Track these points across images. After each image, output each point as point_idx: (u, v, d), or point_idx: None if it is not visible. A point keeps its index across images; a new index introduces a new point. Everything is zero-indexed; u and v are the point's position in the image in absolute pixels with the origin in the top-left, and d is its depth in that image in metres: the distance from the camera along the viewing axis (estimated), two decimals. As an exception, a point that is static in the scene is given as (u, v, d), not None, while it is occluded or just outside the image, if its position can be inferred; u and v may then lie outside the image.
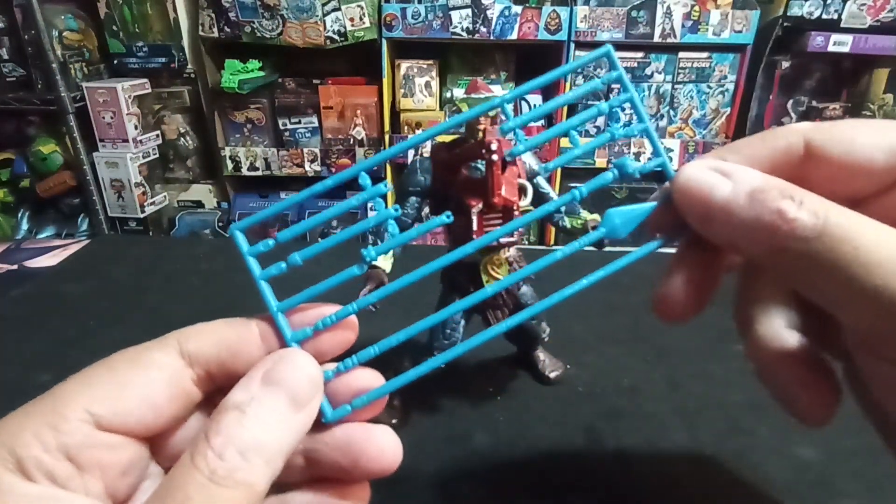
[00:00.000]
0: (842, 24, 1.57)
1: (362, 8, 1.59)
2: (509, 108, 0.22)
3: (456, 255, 0.23)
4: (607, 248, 0.37)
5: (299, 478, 0.23)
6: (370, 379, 0.23)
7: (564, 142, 1.71)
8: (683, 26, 1.60)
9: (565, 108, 1.69)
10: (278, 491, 0.22)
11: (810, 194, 0.20)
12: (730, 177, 0.21)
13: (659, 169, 0.24)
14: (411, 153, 1.71)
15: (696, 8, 1.58)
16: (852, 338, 0.22)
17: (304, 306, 0.23)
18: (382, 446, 0.22)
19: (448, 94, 1.72)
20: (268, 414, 0.20)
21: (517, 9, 1.58)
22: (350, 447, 0.22)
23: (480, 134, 0.37)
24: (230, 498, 0.18)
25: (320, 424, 0.22)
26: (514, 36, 1.60)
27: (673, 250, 0.25)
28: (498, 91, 0.37)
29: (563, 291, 0.22)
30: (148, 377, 0.21)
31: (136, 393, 0.20)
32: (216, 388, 0.22)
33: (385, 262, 0.39)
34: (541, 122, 1.73)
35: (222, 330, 0.23)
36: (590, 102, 1.71)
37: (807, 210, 0.19)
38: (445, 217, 0.22)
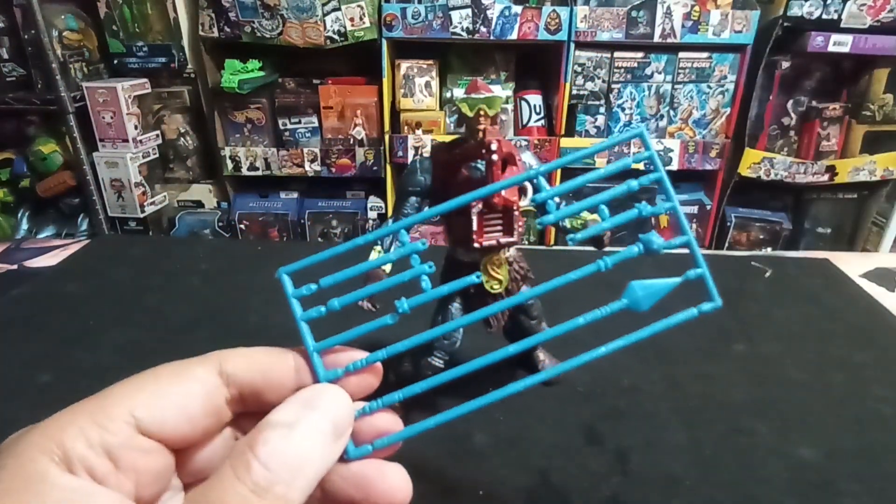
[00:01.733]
0: (842, 24, 1.57)
1: (362, 8, 1.59)
2: (543, 179, 0.23)
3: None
4: (607, 249, 0.37)
5: None
6: (390, 422, 0.25)
7: (565, 142, 1.71)
8: (683, 26, 1.59)
9: (566, 102, 1.69)
10: None
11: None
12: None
13: (685, 247, 0.24)
14: (411, 153, 1.71)
15: (696, 8, 1.58)
16: None
17: (337, 348, 0.24)
18: (394, 484, 0.24)
19: (448, 94, 1.72)
20: (314, 435, 0.21)
21: (517, 9, 1.58)
22: (364, 482, 0.23)
23: (480, 134, 0.37)
24: None
25: (340, 459, 0.23)
26: (514, 36, 1.60)
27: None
28: (498, 91, 0.37)
29: (592, 353, 0.24)
30: (187, 389, 0.22)
31: (175, 402, 0.22)
32: (244, 411, 0.23)
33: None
34: (541, 123, 1.73)
35: (260, 356, 0.24)
36: (590, 103, 1.71)
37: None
38: (475, 277, 0.25)
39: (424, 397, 0.24)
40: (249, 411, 0.23)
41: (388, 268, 0.39)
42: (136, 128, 1.72)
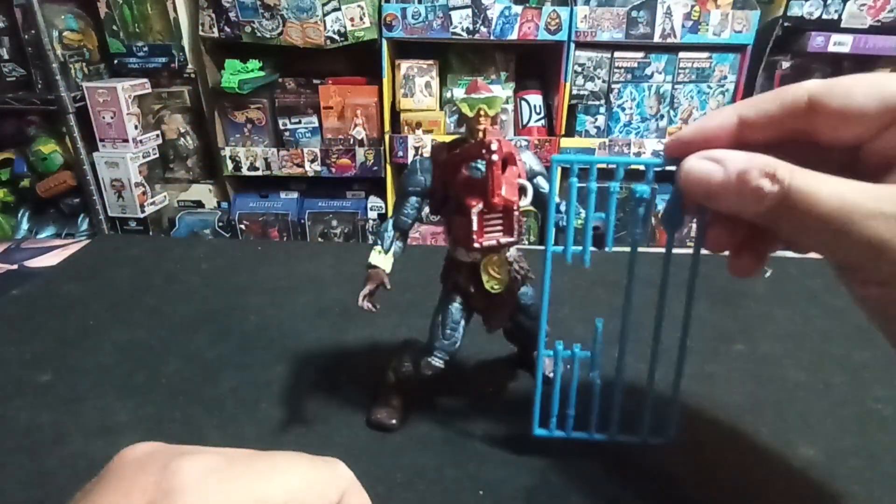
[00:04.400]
0: (842, 25, 1.57)
1: (362, 8, 1.59)
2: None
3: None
4: (608, 249, 0.37)
5: None
6: None
7: (565, 142, 1.71)
8: (683, 26, 1.59)
9: (566, 102, 1.69)
10: None
11: (781, 166, 0.25)
12: (721, 163, 0.26)
13: None
14: (411, 153, 1.71)
15: (696, 8, 1.58)
16: (834, 269, 0.27)
17: None
18: None
19: (448, 94, 1.72)
20: None
21: (517, 9, 1.58)
22: None
23: (480, 134, 0.37)
24: None
25: None
26: (514, 36, 1.60)
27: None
28: (498, 91, 0.37)
29: None
30: None
31: None
32: None
33: (386, 262, 0.39)
34: (541, 123, 1.73)
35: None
36: (590, 103, 1.70)
37: (777, 183, 0.24)
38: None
39: (423, 392, 0.24)
40: None
41: (388, 268, 0.39)
42: (136, 128, 1.72)
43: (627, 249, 0.35)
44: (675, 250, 0.34)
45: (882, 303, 0.26)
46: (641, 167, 0.33)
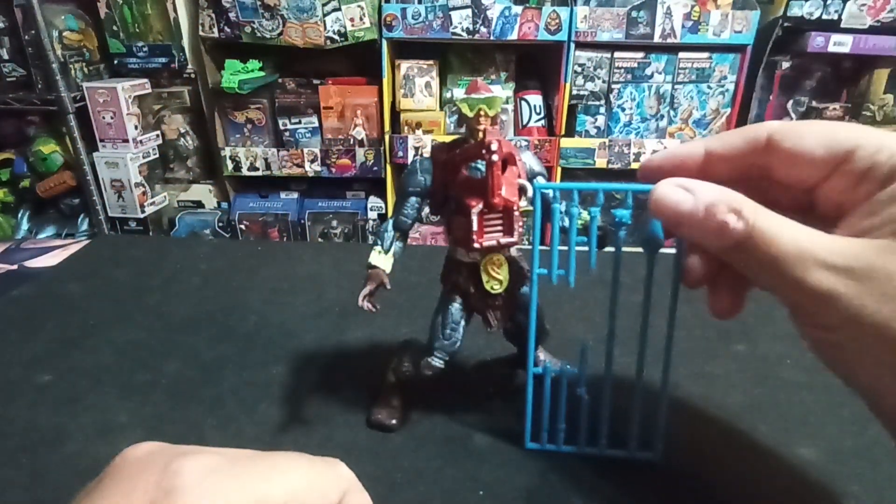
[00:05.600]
0: (842, 25, 1.57)
1: (362, 8, 1.59)
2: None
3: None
4: (607, 249, 0.37)
5: None
6: None
7: (565, 142, 1.72)
8: (683, 26, 1.59)
9: (566, 102, 1.69)
10: None
11: (747, 204, 0.26)
12: (692, 192, 0.27)
13: None
14: (411, 153, 1.71)
15: (696, 8, 1.58)
16: (787, 309, 0.28)
17: None
18: None
19: (448, 95, 1.72)
20: None
21: (517, 9, 1.58)
22: None
23: (480, 134, 0.37)
24: None
25: None
26: (514, 36, 1.60)
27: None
28: (498, 91, 0.37)
29: None
30: None
31: None
32: None
33: (386, 262, 0.39)
34: (541, 123, 1.73)
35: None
36: (590, 103, 1.71)
37: (743, 220, 0.25)
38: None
39: (423, 392, 0.24)
40: None
41: (388, 268, 0.39)
42: (136, 128, 1.72)
43: (627, 250, 0.35)
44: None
45: (825, 345, 0.28)
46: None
